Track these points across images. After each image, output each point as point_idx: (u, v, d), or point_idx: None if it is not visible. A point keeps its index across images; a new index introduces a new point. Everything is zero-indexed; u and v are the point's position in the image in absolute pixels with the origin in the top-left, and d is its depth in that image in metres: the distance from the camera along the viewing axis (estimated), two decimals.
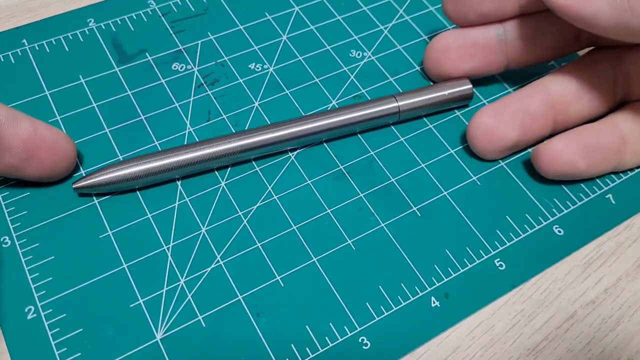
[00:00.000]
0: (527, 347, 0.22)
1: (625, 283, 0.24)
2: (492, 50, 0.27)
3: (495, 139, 0.26)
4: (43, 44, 0.29)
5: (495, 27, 0.27)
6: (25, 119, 0.22)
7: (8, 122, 0.22)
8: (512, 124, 0.25)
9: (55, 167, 0.23)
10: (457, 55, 0.27)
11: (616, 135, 0.25)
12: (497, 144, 0.26)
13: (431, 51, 0.28)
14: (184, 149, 0.24)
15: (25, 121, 0.22)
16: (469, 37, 0.27)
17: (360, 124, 0.27)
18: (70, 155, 0.24)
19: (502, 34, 0.27)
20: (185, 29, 0.31)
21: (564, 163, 0.25)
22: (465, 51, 0.27)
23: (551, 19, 0.26)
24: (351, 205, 0.25)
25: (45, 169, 0.23)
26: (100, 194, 0.25)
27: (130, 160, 0.24)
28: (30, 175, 0.23)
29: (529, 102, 0.26)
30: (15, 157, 0.22)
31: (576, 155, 0.25)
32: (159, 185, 0.25)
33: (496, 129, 0.25)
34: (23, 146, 0.22)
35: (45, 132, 0.23)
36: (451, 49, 0.27)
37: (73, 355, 0.21)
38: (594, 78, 0.26)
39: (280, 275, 0.23)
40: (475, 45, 0.27)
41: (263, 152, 0.26)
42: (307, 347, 0.22)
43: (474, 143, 0.26)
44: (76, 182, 0.24)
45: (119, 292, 0.22)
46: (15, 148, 0.22)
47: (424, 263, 0.24)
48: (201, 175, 0.26)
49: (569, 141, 0.25)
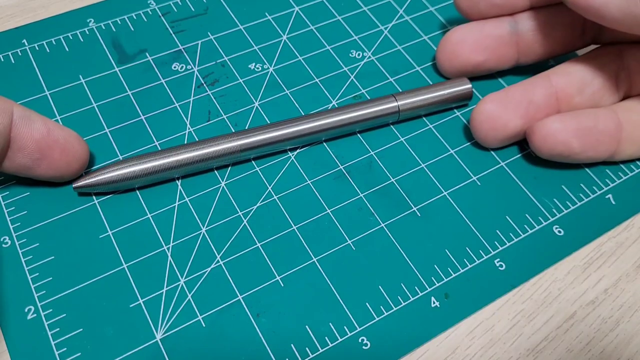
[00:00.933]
0: (527, 347, 0.22)
1: (625, 283, 0.24)
2: (504, 43, 0.27)
3: (498, 126, 0.26)
4: (43, 44, 0.29)
5: (508, 21, 0.27)
6: (39, 119, 0.22)
7: (22, 122, 0.22)
8: (515, 112, 0.25)
9: (68, 167, 0.23)
10: (471, 48, 0.27)
11: (613, 120, 0.25)
12: (500, 132, 0.26)
13: (446, 43, 0.28)
14: (184, 148, 0.24)
15: (38, 121, 0.22)
16: (484, 30, 0.27)
17: (360, 124, 0.27)
18: (83, 156, 0.24)
19: (515, 26, 0.27)
20: (185, 29, 0.31)
21: (558, 142, 0.25)
22: (480, 44, 0.27)
23: (560, 12, 0.26)
24: (351, 205, 0.25)
25: (57, 169, 0.23)
26: (100, 194, 0.25)
27: (130, 160, 0.24)
28: (42, 175, 0.23)
29: (534, 92, 0.26)
30: (28, 157, 0.22)
31: (571, 136, 0.25)
32: (158, 185, 0.25)
33: (500, 116, 0.26)
34: (36, 146, 0.22)
35: (58, 132, 0.23)
36: (466, 41, 0.27)
37: (73, 355, 0.21)
38: (598, 71, 0.26)
39: (280, 275, 0.23)
40: (489, 38, 0.27)
41: (263, 151, 0.26)
42: (307, 347, 0.22)
43: (477, 130, 0.26)
44: (76, 181, 0.24)
45: (119, 292, 0.22)
46: (28, 148, 0.22)
47: (424, 263, 0.24)
48: (201, 175, 0.26)
49: (565, 121, 0.25)
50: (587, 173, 0.27)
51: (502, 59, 0.28)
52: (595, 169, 0.27)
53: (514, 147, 0.28)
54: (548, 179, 0.26)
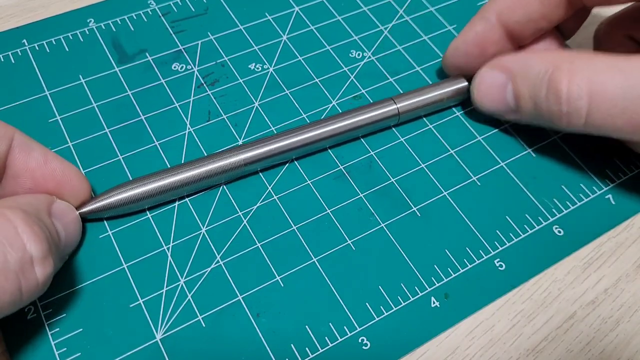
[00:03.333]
0: (526, 347, 0.22)
1: (625, 283, 0.24)
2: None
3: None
4: (43, 44, 0.29)
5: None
6: (38, 148, 0.22)
7: (20, 148, 0.21)
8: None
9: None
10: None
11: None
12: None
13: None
14: (186, 166, 0.24)
15: (37, 150, 0.21)
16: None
17: (360, 129, 0.27)
18: (81, 193, 0.23)
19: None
20: (185, 29, 0.31)
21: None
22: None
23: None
24: (351, 206, 0.25)
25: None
26: (108, 218, 0.24)
27: (134, 182, 0.23)
28: None
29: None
30: (20, 186, 0.21)
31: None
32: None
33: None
34: (30, 176, 0.21)
35: (56, 164, 0.22)
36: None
37: (73, 355, 0.21)
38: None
39: (280, 275, 0.23)
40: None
41: (266, 164, 0.25)
42: (307, 347, 0.22)
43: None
44: (80, 207, 0.23)
45: (119, 292, 0.22)
46: (21, 177, 0.21)
47: (424, 263, 0.24)
48: None
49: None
50: (587, 173, 0.27)
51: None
52: (595, 169, 0.27)
53: (514, 147, 0.28)
54: (548, 179, 0.26)
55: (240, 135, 0.27)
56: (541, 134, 0.28)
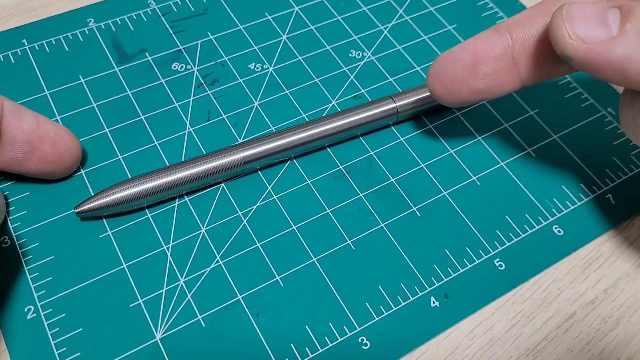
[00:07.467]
0: (527, 347, 0.22)
1: (625, 283, 0.24)
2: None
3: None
4: (43, 44, 0.29)
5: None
6: (28, 113, 0.23)
7: (12, 115, 0.22)
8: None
9: (60, 161, 0.24)
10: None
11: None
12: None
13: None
14: (185, 164, 0.24)
15: (28, 115, 0.23)
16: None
17: (359, 128, 0.27)
18: (75, 150, 0.24)
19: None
20: (185, 29, 0.31)
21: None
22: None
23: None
24: (351, 206, 0.25)
25: (49, 163, 0.23)
26: (107, 217, 0.24)
27: (132, 180, 0.24)
28: (35, 170, 0.23)
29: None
30: (18, 151, 0.22)
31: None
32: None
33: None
34: (26, 139, 0.22)
35: (49, 126, 0.23)
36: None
37: (73, 355, 0.21)
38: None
39: (280, 275, 0.23)
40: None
41: (265, 162, 0.25)
42: (307, 347, 0.22)
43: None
44: (78, 207, 0.23)
45: (119, 292, 0.22)
46: (19, 141, 0.22)
47: (423, 263, 0.24)
48: None
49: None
50: (587, 173, 0.27)
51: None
52: (595, 169, 0.27)
53: (514, 147, 0.28)
54: (548, 179, 0.26)
55: (241, 135, 0.27)
56: (541, 134, 0.28)
